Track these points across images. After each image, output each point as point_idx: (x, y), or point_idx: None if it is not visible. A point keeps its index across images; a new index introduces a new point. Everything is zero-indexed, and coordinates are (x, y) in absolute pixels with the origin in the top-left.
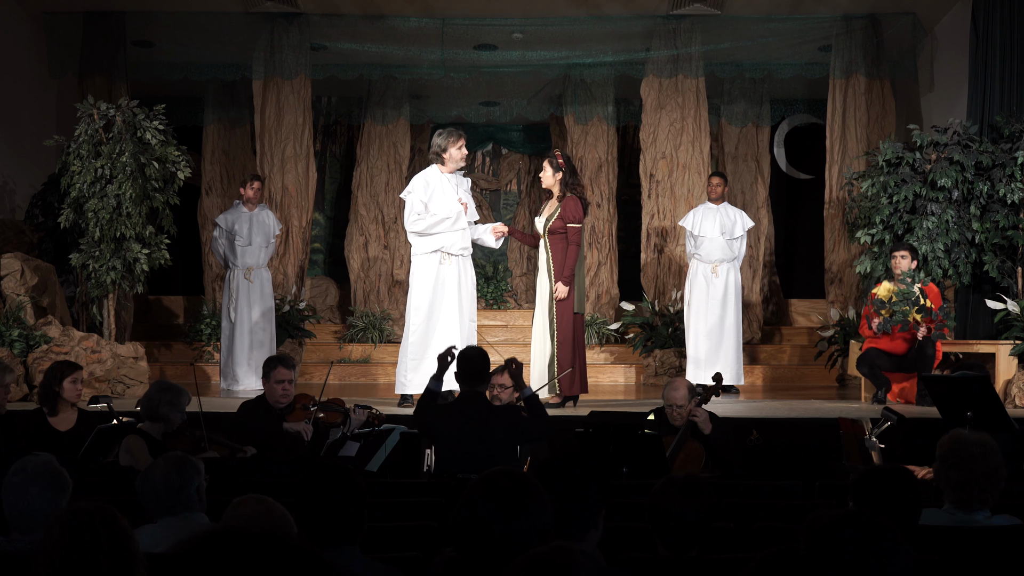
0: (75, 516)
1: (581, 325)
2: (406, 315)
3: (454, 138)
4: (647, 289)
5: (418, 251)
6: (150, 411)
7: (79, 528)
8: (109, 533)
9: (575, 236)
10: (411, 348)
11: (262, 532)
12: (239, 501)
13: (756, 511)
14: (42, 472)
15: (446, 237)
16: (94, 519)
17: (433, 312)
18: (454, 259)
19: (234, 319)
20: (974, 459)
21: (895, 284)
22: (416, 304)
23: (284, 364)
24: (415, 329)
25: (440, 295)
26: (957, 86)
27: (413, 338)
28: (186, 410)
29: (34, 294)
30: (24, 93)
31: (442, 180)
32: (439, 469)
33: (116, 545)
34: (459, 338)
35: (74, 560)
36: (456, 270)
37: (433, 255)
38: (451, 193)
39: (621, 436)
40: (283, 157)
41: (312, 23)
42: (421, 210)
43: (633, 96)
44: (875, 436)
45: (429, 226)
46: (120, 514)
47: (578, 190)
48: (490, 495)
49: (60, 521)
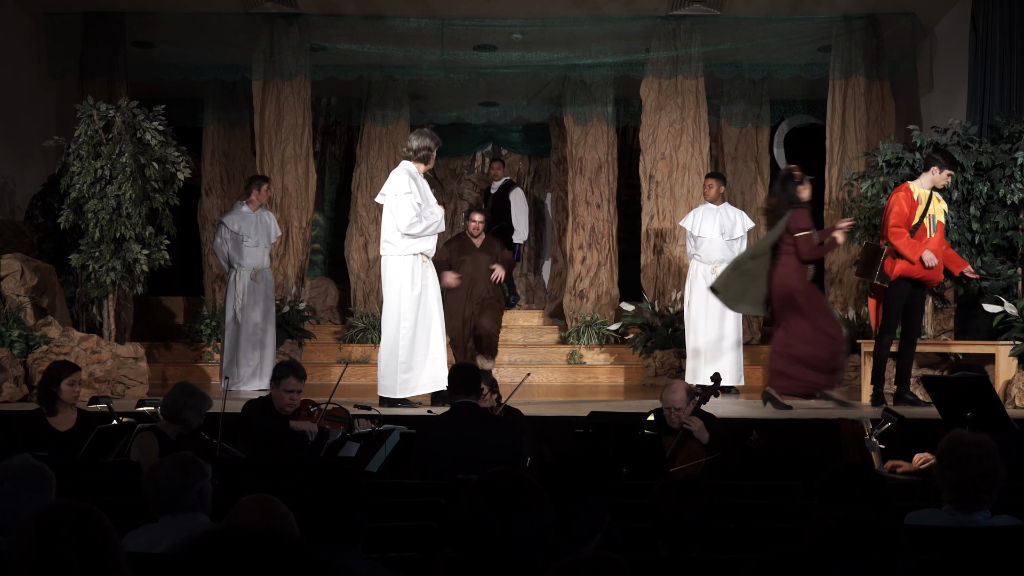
0: (50, 515)
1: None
2: (389, 317)
3: (435, 141)
4: (647, 290)
5: (399, 252)
6: (172, 412)
7: (54, 527)
8: (85, 532)
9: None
10: (402, 351)
11: (262, 533)
12: (245, 500)
13: (756, 511)
14: (23, 474)
15: (430, 240)
16: (69, 518)
17: (422, 314)
18: (428, 261)
19: (240, 320)
20: (971, 459)
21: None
22: (405, 307)
23: (296, 374)
24: (406, 332)
25: (424, 297)
26: (957, 86)
27: (404, 342)
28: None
29: (34, 295)
30: (24, 94)
31: (421, 180)
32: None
33: (93, 544)
34: (442, 338)
35: (47, 559)
36: (431, 270)
37: (416, 257)
38: (431, 195)
39: (621, 436)
40: (283, 158)
41: (312, 24)
42: (419, 211)
43: (633, 97)
44: (875, 437)
45: (424, 228)
46: (101, 513)
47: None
48: (490, 495)
49: (36, 520)
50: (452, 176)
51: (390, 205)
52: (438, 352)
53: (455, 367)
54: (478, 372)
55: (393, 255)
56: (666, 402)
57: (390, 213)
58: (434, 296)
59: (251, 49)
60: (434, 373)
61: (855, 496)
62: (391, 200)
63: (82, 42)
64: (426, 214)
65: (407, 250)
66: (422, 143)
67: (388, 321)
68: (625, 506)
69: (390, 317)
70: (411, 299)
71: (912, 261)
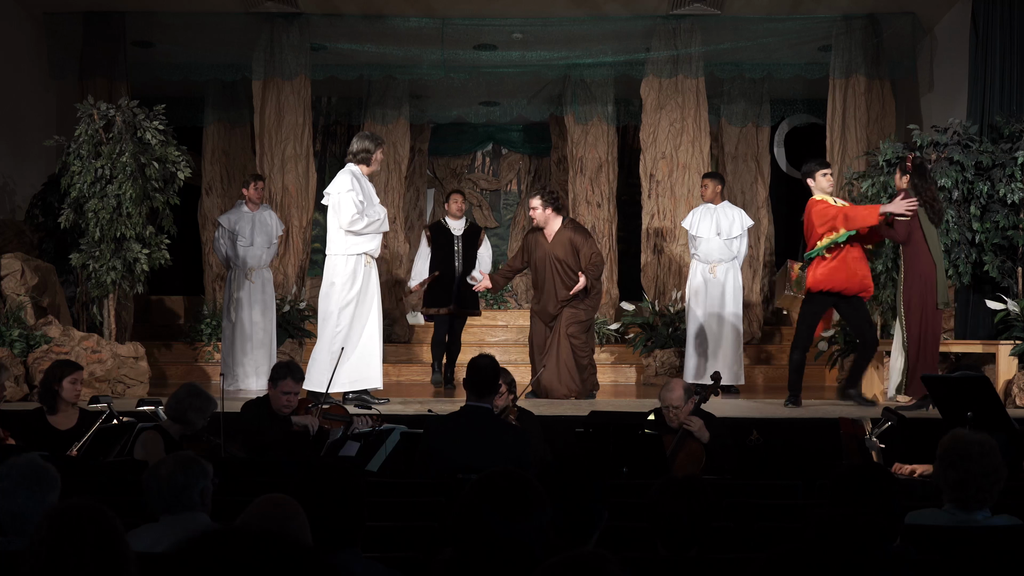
0: (63, 514)
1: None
2: (327, 314)
3: (380, 142)
4: (647, 289)
5: (342, 251)
6: (177, 413)
7: (67, 526)
8: (97, 531)
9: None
10: (336, 347)
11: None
12: (259, 500)
13: (756, 511)
14: (27, 474)
15: (374, 240)
16: (82, 517)
17: (358, 313)
18: (373, 261)
19: (235, 319)
20: (971, 459)
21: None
22: (343, 305)
23: (293, 376)
24: (342, 329)
25: (363, 295)
26: (957, 86)
27: (339, 338)
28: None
29: (34, 294)
30: (25, 93)
31: (365, 181)
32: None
33: (104, 543)
34: (378, 336)
35: (61, 558)
36: (374, 272)
37: (359, 257)
38: (375, 196)
39: (621, 436)
40: (283, 157)
41: (312, 23)
42: (361, 209)
43: (633, 96)
44: (875, 436)
45: (366, 226)
46: (112, 512)
47: None
48: (490, 495)
49: (48, 518)
50: (452, 176)
51: (333, 203)
52: (369, 353)
53: (472, 363)
54: (496, 371)
55: (337, 254)
56: (664, 400)
57: (334, 212)
58: (374, 298)
59: (251, 49)
60: (354, 373)
61: (869, 495)
62: (334, 199)
63: (82, 42)
64: (368, 212)
65: (351, 250)
66: (361, 145)
67: (325, 318)
68: (625, 506)
69: (327, 314)
70: (350, 298)
71: (876, 219)
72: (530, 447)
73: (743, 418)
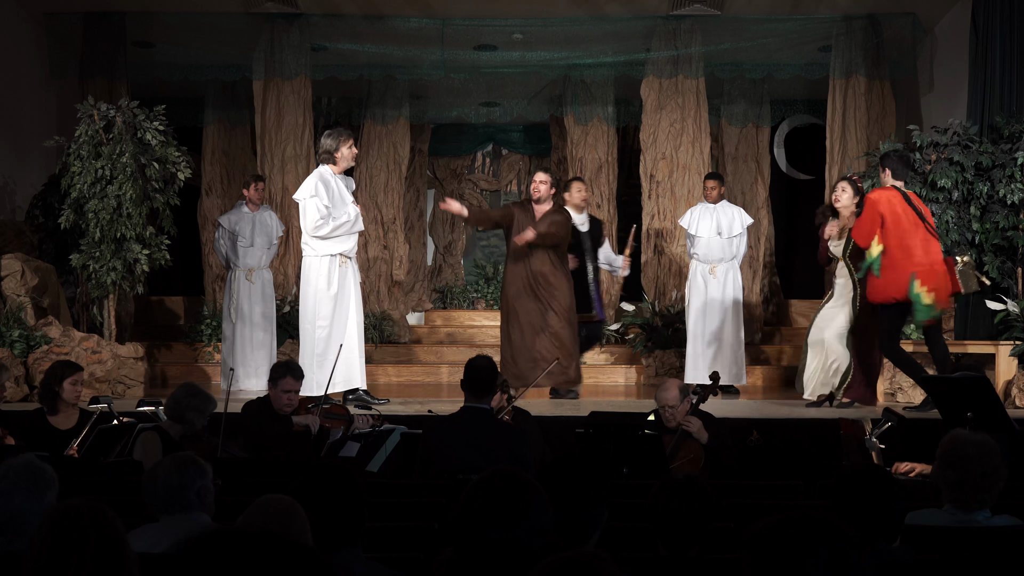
0: (64, 514)
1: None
2: (305, 317)
3: (344, 137)
4: (647, 289)
5: (316, 254)
6: (176, 413)
7: (67, 526)
8: (98, 531)
9: None
10: (317, 350)
11: (263, 533)
12: (260, 500)
13: (756, 511)
14: (24, 474)
15: (346, 241)
16: (83, 517)
17: (337, 314)
18: (349, 261)
19: (235, 320)
20: (971, 459)
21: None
22: (321, 307)
23: (293, 374)
24: (321, 331)
25: (341, 297)
26: (957, 86)
27: (320, 341)
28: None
29: (34, 295)
30: (25, 94)
31: (336, 181)
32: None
33: (105, 543)
34: (357, 337)
35: (62, 558)
36: (351, 272)
37: (333, 258)
38: (347, 195)
39: (621, 436)
40: (283, 158)
41: (312, 24)
42: (325, 214)
43: (633, 96)
44: (875, 437)
45: (333, 230)
46: (112, 513)
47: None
48: (490, 496)
49: (49, 519)
50: (452, 176)
51: (300, 208)
52: (352, 352)
53: (469, 364)
54: (494, 371)
55: (311, 256)
56: (659, 401)
57: (303, 216)
58: (352, 297)
59: (251, 49)
60: (346, 372)
61: (869, 496)
62: (301, 204)
63: (82, 42)
64: (336, 214)
65: (324, 251)
66: (324, 145)
67: (305, 320)
68: (625, 506)
69: (307, 317)
70: (327, 299)
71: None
72: (529, 447)
73: (743, 418)
